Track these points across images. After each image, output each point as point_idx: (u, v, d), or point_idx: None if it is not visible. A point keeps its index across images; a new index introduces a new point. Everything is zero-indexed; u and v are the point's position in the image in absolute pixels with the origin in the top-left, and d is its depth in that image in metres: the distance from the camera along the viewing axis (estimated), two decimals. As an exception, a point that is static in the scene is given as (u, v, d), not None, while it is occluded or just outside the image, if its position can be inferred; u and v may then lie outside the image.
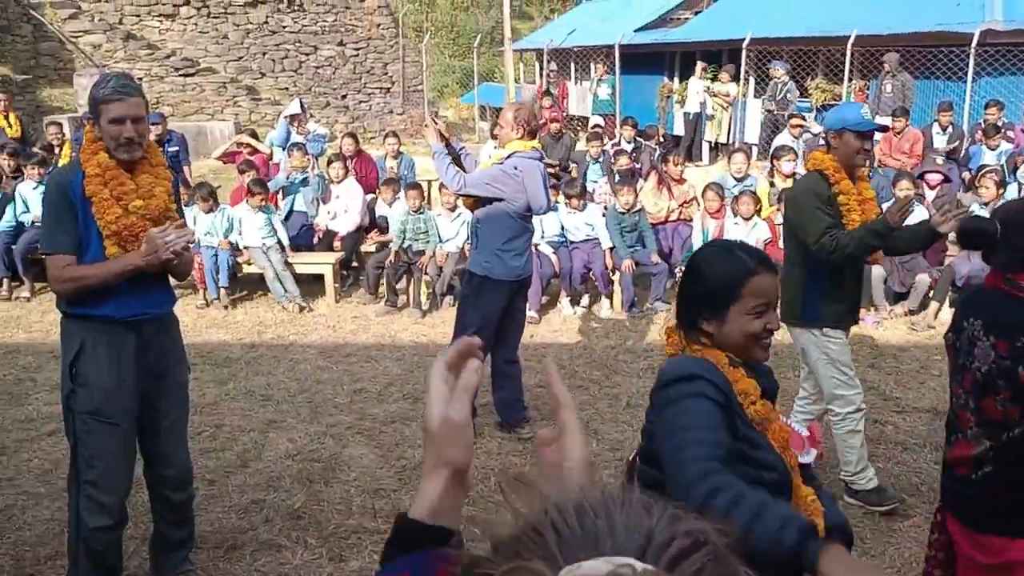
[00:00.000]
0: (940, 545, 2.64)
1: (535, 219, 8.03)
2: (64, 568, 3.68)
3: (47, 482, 4.73)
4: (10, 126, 11.66)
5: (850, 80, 14.09)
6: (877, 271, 7.53)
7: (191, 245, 3.46)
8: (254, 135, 11.00)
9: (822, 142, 11.75)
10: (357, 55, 20.03)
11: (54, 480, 4.70)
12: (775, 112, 14.29)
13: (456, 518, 1.00)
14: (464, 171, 5.20)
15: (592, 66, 19.39)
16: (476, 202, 5.18)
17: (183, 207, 4.01)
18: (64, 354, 3.38)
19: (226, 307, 8.18)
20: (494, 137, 8.21)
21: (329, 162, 9.34)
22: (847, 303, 4.26)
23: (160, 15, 18.75)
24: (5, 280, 8.61)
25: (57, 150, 10.75)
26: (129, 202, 3.27)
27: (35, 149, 10.57)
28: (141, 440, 3.56)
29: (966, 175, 10.07)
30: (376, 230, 9.11)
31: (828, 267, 4.11)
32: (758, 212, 8.02)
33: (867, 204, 4.20)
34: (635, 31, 18.93)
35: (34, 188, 8.74)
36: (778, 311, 2.17)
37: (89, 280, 3.26)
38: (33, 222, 8.58)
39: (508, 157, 5.08)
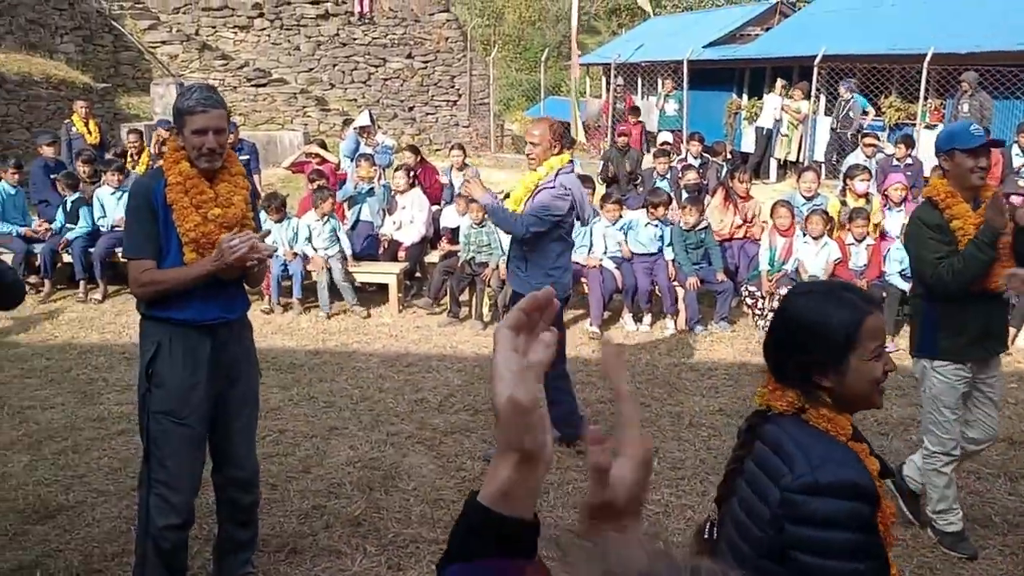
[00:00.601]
0: None
1: (597, 235, 8.08)
2: (130, 565, 3.76)
3: (116, 480, 4.84)
4: (90, 133, 12.02)
5: (925, 99, 13.77)
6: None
7: (270, 253, 3.51)
8: (323, 145, 11.16)
9: (895, 163, 11.42)
10: (425, 67, 20.27)
11: (123, 479, 4.81)
12: (838, 130, 14.04)
13: (530, 503, 0.92)
14: None
15: (659, 81, 19.30)
16: None
17: (259, 215, 4.08)
18: (142, 355, 3.45)
19: (285, 314, 8.33)
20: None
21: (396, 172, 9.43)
22: (970, 335, 3.95)
23: (235, 27, 19.26)
24: (81, 282, 8.85)
25: (135, 157, 11.04)
26: (208, 210, 3.35)
27: (109, 156, 10.85)
28: (212, 442, 3.62)
29: (1046, 198, 9.76)
30: (444, 239, 9.16)
31: (947, 298, 3.91)
32: (829, 232, 7.87)
33: None
34: (704, 47, 18.83)
35: (112, 193, 9.00)
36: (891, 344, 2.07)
37: (166, 284, 3.34)
38: (114, 226, 8.81)
39: (555, 176, 4.99)
